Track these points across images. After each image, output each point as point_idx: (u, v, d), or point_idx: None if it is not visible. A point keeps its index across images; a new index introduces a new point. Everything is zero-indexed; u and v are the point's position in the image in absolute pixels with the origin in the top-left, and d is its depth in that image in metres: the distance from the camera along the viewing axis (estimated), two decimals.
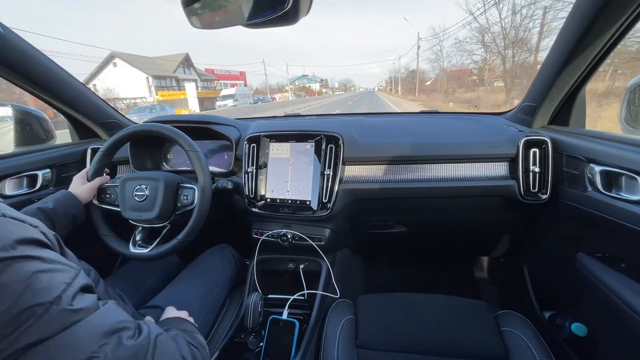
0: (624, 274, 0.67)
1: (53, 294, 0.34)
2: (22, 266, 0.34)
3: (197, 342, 0.56)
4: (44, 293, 0.34)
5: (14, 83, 0.94)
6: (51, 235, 0.44)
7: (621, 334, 0.71)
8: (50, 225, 0.73)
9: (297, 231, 1.00)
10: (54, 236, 0.46)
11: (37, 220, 0.42)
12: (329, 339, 0.78)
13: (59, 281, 0.36)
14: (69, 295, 0.36)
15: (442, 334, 0.79)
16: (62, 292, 0.35)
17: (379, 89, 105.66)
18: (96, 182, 0.88)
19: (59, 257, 0.41)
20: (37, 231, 0.40)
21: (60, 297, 0.35)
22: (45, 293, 0.34)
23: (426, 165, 0.96)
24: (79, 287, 0.38)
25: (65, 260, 0.41)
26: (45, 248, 0.39)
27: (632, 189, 0.64)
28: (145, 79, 29.92)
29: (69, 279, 0.38)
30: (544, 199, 0.88)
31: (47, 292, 0.34)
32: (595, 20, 0.68)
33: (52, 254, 0.40)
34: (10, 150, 1.05)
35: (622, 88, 0.79)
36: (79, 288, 0.38)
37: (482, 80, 18.27)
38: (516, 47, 14.03)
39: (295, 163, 0.99)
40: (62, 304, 0.35)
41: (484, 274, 1.46)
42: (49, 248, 0.41)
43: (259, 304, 0.88)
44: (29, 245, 0.37)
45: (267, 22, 0.54)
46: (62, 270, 0.38)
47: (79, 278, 0.40)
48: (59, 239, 0.48)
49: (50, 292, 0.34)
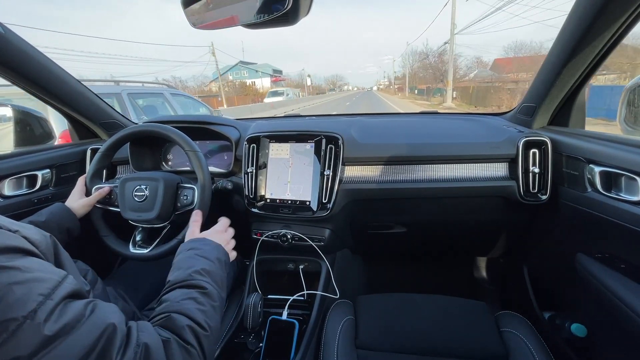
0: (624, 275, 0.67)
1: (28, 307, 0.32)
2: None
3: (204, 320, 0.49)
4: (17, 307, 0.31)
5: (14, 83, 0.94)
6: (37, 238, 0.42)
7: (621, 335, 0.71)
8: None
9: (296, 231, 1.00)
10: (46, 238, 0.45)
11: (18, 224, 0.41)
12: (328, 340, 0.78)
13: (35, 293, 0.33)
14: (47, 310, 0.33)
15: (442, 334, 0.79)
16: (39, 306, 0.33)
17: (378, 89, 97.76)
18: (93, 199, 0.88)
19: (42, 264, 0.38)
20: (17, 237, 0.38)
21: (35, 312, 0.32)
22: (19, 307, 0.31)
23: (426, 166, 0.96)
24: (61, 297, 0.36)
25: (48, 267, 0.39)
26: (26, 255, 0.37)
27: (632, 190, 0.64)
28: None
29: (48, 289, 0.35)
30: (544, 199, 0.88)
31: (22, 306, 0.32)
32: (595, 21, 0.67)
33: (33, 262, 0.37)
34: (10, 150, 1.05)
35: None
36: (61, 298, 0.36)
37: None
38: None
39: (295, 163, 0.99)
40: (37, 319, 0.32)
41: (483, 274, 1.46)
42: (31, 254, 0.38)
43: (258, 304, 0.88)
44: (6, 254, 0.34)
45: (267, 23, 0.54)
46: (41, 280, 0.35)
47: (63, 286, 0.37)
48: (54, 240, 0.48)
49: (25, 305, 0.32)
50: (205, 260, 0.61)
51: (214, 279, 0.59)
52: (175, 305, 0.50)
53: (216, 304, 0.55)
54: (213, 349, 0.51)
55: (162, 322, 0.46)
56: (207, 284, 0.56)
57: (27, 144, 1.10)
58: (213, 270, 0.60)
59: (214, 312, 0.53)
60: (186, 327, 0.46)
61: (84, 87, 1.12)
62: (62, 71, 1.03)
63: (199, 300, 0.52)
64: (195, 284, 0.55)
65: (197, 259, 0.61)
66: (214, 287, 0.57)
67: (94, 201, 0.88)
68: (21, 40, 0.87)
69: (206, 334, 0.48)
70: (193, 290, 0.53)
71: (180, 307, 0.49)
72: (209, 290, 0.55)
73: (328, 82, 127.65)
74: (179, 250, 0.66)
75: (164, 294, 0.54)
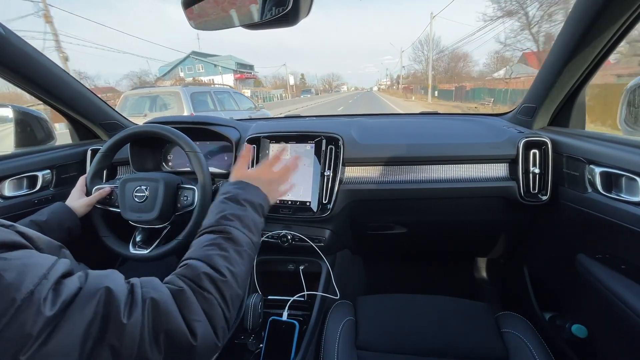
0: (625, 276, 0.67)
1: (24, 290, 0.31)
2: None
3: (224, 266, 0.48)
4: (14, 289, 0.31)
5: (14, 84, 0.94)
6: (35, 233, 0.41)
7: (621, 336, 0.71)
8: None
9: (297, 232, 1.00)
10: (51, 241, 0.44)
11: (10, 222, 0.40)
12: (329, 340, 0.78)
13: (30, 275, 0.33)
14: (44, 289, 0.33)
15: (442, 335, 0.79)
16: (35, 286, 0.32)
17: (379, 89, 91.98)
18: (94, 198, 0.88)
19: (32, 252, 0.37)
20: (10, 232, 0.37)
21: (32, 292, 0.32)
22: (16, 289, 0.31)
23: (426, 167, 0.96)
24: (57, 277, 0.35)
25: (39, 254, 0.38)
26: (18, 249, 0.36)
27: (632, 190, 0.64)
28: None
29: (43, 271, 0.34)
30: (544, 200, 0.88)
31: (18, 288, 0.31)
32: (595, 21, 0.68)
33: (24, 252, 0.36)
34: (11, 151, 1.05)
35: None
36: (57, 277, 0.35)
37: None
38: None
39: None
40: (36, 299, 0.32)
41: (484, 275, 1.46)
42: (23, 248, 0.37)
43: (258, 305, 0.88)
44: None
45: (267, 24, 0.54)
46: (34, 265, 0.35)
47: (56, 267, 0.36)
48: (61, 246, 0.47)
49: (21, 288, 0.31)
50: (236, 204, 0.60)
51: (244, 222, 0.58)
52: (197, 251, 0.50)
53: (242, 248, 0.54)
54: (239, 294, 0.49)
55: (182, 270, 0.46)
56: (233, 229, 0.55)
57: (28, 145, 1.10)
58: (243, 214, 0.59)
59: (239, 257, 0.52)
60: (202, 274, 0.45)
61: (84, 88, 1.12)
62: (62, 72, 1.03)
63: (222, 246, 0.52)
64: (221, 229, 0.54)
65: (227, 204, 0.60)
66: (242, 231, 0.56)
67: (94, 201, 0.88)
68: (21, 41, 0.88)
69: (224, 280, 0.47)
70: (218, 236, 0.53)
71: (201, 254, 0.49)
72: (233, 235, 0.54)
73: (324, 82, 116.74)
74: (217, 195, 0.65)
75: (194, 240, 0.54)
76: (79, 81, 1.10)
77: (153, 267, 1.00)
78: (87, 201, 0.87)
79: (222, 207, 0.59)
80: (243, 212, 0.59)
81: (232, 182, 0.67)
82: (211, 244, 0.51)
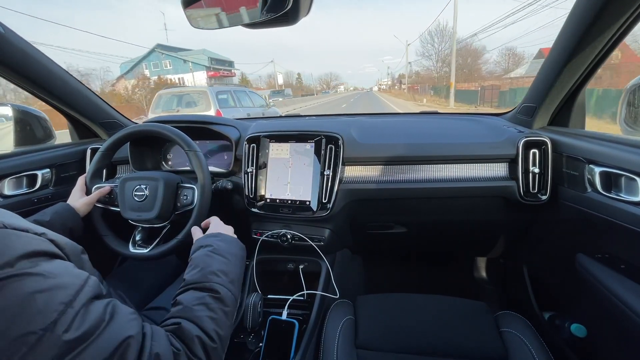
0: (624, 275, 0.67)
1: (47, 319, 0.32)
2: (18, 286, 0.31)
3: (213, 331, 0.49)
4: (38, 319, 0.31)
5: (14, 83, 0.94)
6: (63, 241, 0.42)
7: (620, 335, 0.71)
8: None
9: (296, 231, 1.00)
10: (74, 245, 0.45)
11: (42, 227, 0.40)
12: (328, 340, 0.78)
13: (57, 302, 0.33)
14: (67, 320, 0.33)
15: (442, 334, 0.79)
16: (59, 316, 0.33)
17: (380, 89, 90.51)
18: (94, 197, 0.88)
19: (66, 266, 0.38)
20: (43, 240, 0.38)
21: (55, 323, 0.32)
22: (40, 319, 0.31)
23: (426, 166, 0.96)
24: (83, 303, 0.36)
25: (72, 269, 0.39)
26: (52, 259, 0.37)
27: (632, 190, 0.64)
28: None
29: (70, 296, 0.35)
30: (544, 199, 0.88)
31: (42, 318, 0.31)
32: (595, 21, 0.68)
33: (58, 265, 0.37)
34: (10, 149, 1.05)
35: None
36: (82, 304, 0.36)
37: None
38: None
39: (295, 163, 0.99)
40: (57, 331, 0.32)
41: (483, 274, 1.46)
42: (57, 257, 0.38)
43: (258, 304, 0.88)
44: (31, 258, 0.34)
45: (267, 23, 0.54)
46: (64, 287, 0.35)
47: (84, 290, 0.37)
48: (83, 249, 0.49)
49: (45, 317, 0.32)
50: (222, 258, 0.61)
51: (230, 278, 0.58)
52: (187, 311, 0.50)
53: (228, 309, 0.54)
54: (222, 357, 0.51)
55: (174, 329, 0.47)
56: (221, 287, 0.55)
57: (27, 144, 1.10)
58: (229, 269, 0.59)
59: (226, 319, 0.53)
60: (195, 339, 0.46)
61: (83, 87, 1.12)
62: (62, 71, 1.03)
63: (211, 306, 0.52)
64: (209, 286, 0.54)
65: (213, 258, 0.60)
66: (228, 289, 0.56)
67: (95, 199, 0.88)
68: (21, 40, 0.87)
69: (214, 347, 0.48)
70: (206, 294, 0.53)
71: (191, 315, 0.49)
72: (222, 295, 0.54)
73: (322, 81, 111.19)
74: (195, 247, 0.65)
75: (179, 294, 0.54)
76: (78, 80, 1.10)
77: (153, 266, 1.00)
78: (88, 200, 0.87)
79: (208, 261, 0.59)
80: (228, 267, 0.60)
81: (211, 233, 0.67)
82: (201, 304, 0.51)
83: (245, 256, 0.69)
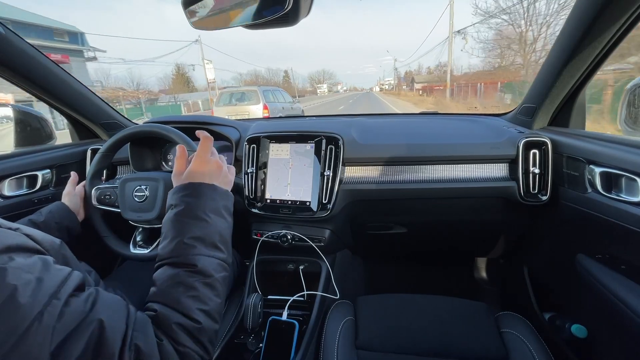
0: (624, 276, 0.67)
1: (33, 311, 0.31)
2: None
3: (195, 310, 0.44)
4: (23, 311, 0.30)
5: (14, 83, 0.94)
6: (41, 236, 0.41)
7: (621, 336, 0.71)
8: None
9: (297, 232, 1.00)
10: (54, 240, 0.44)
11: (16, 224, 0.39)
12: (328, 340, 0.78)
13: (41, 293, 0.32)
14: (54, 311, 0.32)
15: (442, 335, 0.79)
16: (45, 307, 0.32)
17: (381, 90, 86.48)
18: (80, 188, 0.88)
19: (46, 261, 0.36)
20: (19, 234, 0.37)
21: (42, 314, 0.31)
22: (26, 311, 0.31)
23: (426, 167, 0.96)
24: (67, 295, 0.34)
25: (52, 263, 0.37)
26: (30, 254, 0.36)
27: (632, 191, 0.64)
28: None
29: (54, 287, 0.34)
30: (544, 200, 0.88)
31: (28, 310, 0.31)
32: (595, 21, 0.68)
33: (36, 260, 0.36)
34: (10, 150, 1.05)
35: None
36: (67, 295, 0.34)
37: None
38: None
39: (295, 164, 0.99)
40: (45, 321, 0.31)
41: (483, 275, 1.46)
42: (34, 251, 0.37)
43: (258, 304, 0.88)
44: (6, 254, 0.33)
45: (268, 23, 0.54)
46: (47, 280, 0.34)
47: (67, 284, 0.36)
48: (63, 244, 0.47)
49: (31, 309, 0.31)
50: (195, 221, 0.51)
51: (207, 242, 0.50)
52: (162, 294, 0.45)
53: (211, 278, 0.47)
54: (216, 329, 0.46)
55: (152, 317, 0.43)
56: (197, 257, 0.48)
57: (28, 144, 1.10)
58: (205, 232, 0.50)
59: (210, 290, 0.47)
60: (174, 326, 0.42)
61: (84, 87, 1.12)
62: (62, 71, 1.03)
63: (188, 282, 0.46)
64: (182, 260, 0.48)
65: (183, 223, 0.51)
66: (206, 255, 0.49)
67: (79, 191, 0.88)
68: (21, 41, 0.88)
69: (199, 327, 0.43)
70: (180, 270, 0.47)
71: (167, 298, 0.44)
72: (199, 267, 0.47)
73: (313, 80, 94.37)
74: (167, 205, 0.56)
75: (154, 271, 0.49)
76: (79, 81, 1.10)
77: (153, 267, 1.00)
78: (73, 192, 0.86)
79: (178, 228, 0.50)
80: (204, 230, 0.51)
81: (179, 186, 0.55)
82: (175, 283, 0.46)
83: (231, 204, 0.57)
